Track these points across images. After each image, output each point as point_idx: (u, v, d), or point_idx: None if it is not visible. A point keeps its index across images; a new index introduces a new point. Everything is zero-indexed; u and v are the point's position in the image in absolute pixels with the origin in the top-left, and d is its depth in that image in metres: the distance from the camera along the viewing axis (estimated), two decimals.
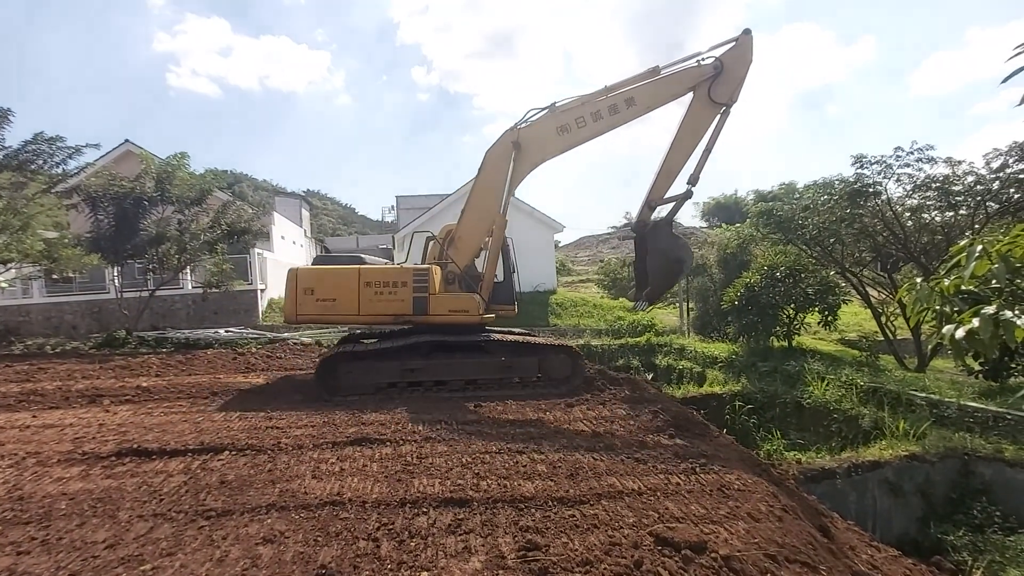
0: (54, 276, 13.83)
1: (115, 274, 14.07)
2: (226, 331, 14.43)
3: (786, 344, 12.16)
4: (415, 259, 8.65)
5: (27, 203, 11.69)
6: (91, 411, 6.43)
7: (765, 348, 11.81)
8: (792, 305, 11.68)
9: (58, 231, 12.80)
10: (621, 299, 19.87)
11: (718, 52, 6.76)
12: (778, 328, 12.00)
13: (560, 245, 38.94)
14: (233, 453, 4.77)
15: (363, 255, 8.44)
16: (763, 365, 10.58)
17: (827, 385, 9.31)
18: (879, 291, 14.48)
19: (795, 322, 12.15)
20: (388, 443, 5.05)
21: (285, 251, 23.85)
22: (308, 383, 7.97)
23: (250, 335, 14.01)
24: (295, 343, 12.78)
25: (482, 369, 7.38)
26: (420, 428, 5.50)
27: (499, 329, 8.13)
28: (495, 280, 7.82)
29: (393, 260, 25.75)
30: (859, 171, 12.33)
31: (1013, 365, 8.34)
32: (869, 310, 14.12)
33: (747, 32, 6.72)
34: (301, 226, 30.67)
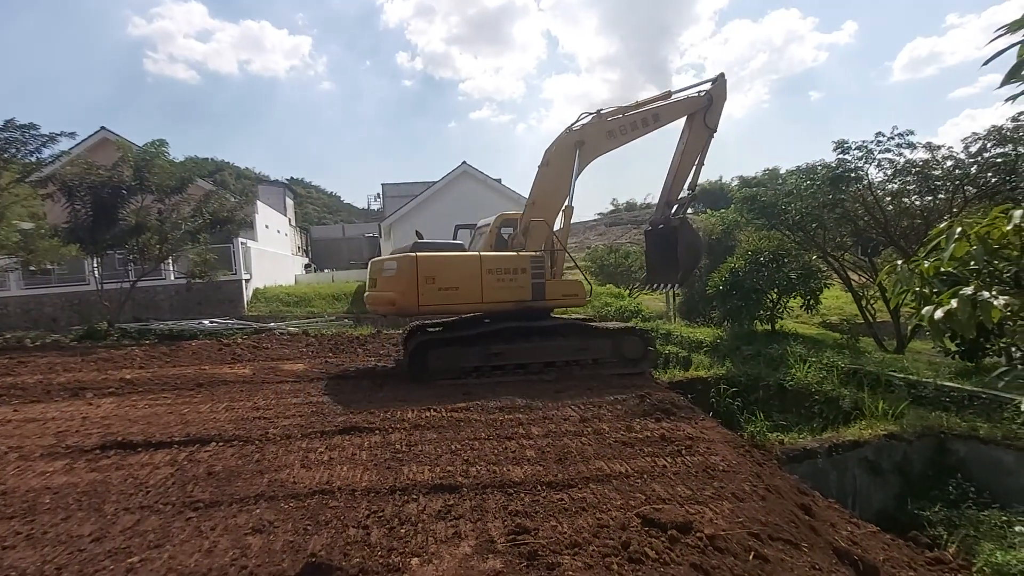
0: (31, 268, 13.48)
1: (95, 265, 13.79)
2: (211, 322, 14.26)
3: (769, 328, 12.35)
4: (476, 248, 8.65)
5: (0, 193, 11.34)
6: (74, 404, 6.33)
7: (749, 332, 11.99)
8: (775, 289, 11.85)
9: (34, 222, 12.44)
10: (608, 285, 19.97)
11: (705, 87, 8.53)
12: (762, 312, 12.19)
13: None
14: (220, 444, 4.73)
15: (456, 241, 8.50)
16: (747, 349, 10.74)
17: (809, 368, 9.49)
18: (860, 275, 14.74)
19: (778, 306, 12.33)
20: (377, 431, 5.06)
21: (270, 240, 23.53)
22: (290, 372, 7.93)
23: (235, 326, 13.86)
24: (282, 333, 12.68)
25: (560, 352, 7.68)
26: (409, 416, 5.51)
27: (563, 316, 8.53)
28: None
29: (380, 250, 25.53)
30: (841, 156, 12.47)
31: (988, 346, 8.55)
32: (850, 294, 14.38)
33: (722, 75, 8.56)
34: (286, 215, 30.24)
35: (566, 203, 8.01)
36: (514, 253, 7.82)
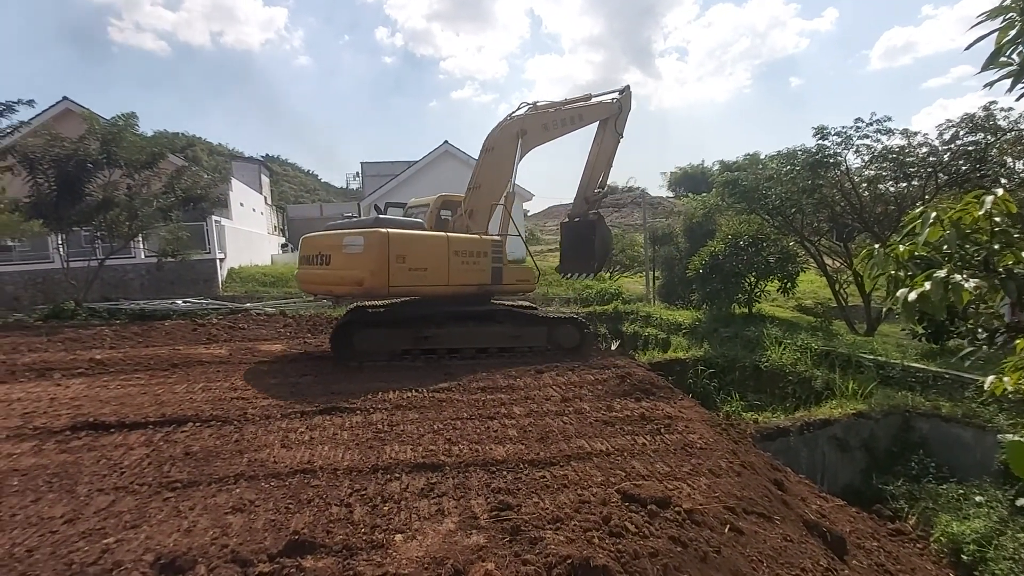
0: None
1: (59, 242, 13.25)
2: (184, 302, 13.90)
3: (747, 311, 12.60)
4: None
5: None
6: (41, 385, 6.12)
7: (727, 315, 12.21)
8: (754, 273, 12.05)
9: None
10: None
11: (615, 95, 9.10)
12: (740, 295, 12.40)
13: (529, 214, 38.76)
14: (197, 424, 4.65)
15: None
16: (725, 331, 10.95)
17: (783, 349, 9.73)
18: (834, 260, 15.09)
19: (756, 290, 12.57)
20: (358, 412, 5.03)
21: (245, 219, 22.93)
22: (272, 353, 7.82)
23: (210, 306, 13.55)
24: (258, 313, 12.45)
25: (494, 338, 7.54)
26: (391, 396, 5.49)
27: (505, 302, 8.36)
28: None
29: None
30: (820, 142, 12.64)
31: (953, 328, 8.88)
32: (824, 278, 14.72)
33: (628, 87, 9.27)
34: (261, 193, 29.45)
35: (509, 188, 8.15)
36: (477, 236, 7.76)
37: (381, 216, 7.31)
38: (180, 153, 16.24)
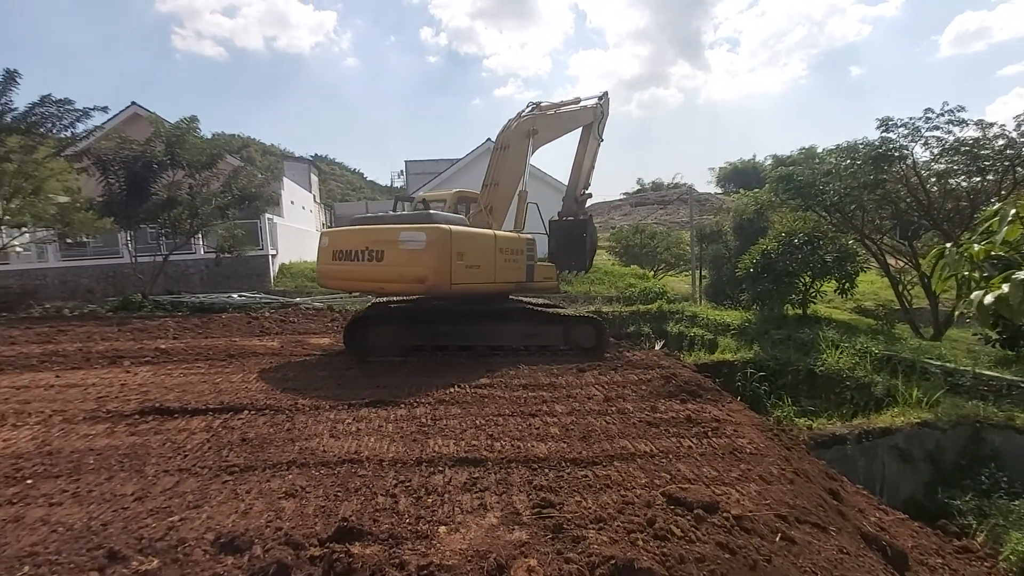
0: (68, 240, 13.97)
1: (128, 239, 14.18)
2: (239, 295, 14.60)
3: (800, 312, 12.06)
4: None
5: (37, 167, 11.68)
6: (112, 371, 6.57)
7: (779, 316, 11.73)
8: (809, 272, 11.52)
9: (69, 195, 12.82)
10: (633, 266, 19.74)
11: (593, 101, 9.31)
12: (793, 296, 11.88)
13: None
14: (252, 412, 4.86)
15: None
16: (776, 333, 10.52)
17: (841, 353, 9.26)
18: (898, 259, 14.23)
19: (811, 290, 12.00)
20: (402, 405, 5.13)
21: (295, 216, 23.85)
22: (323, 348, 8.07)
23: (263, 299, 14.17)
24: (307, 308, 12.91)
25: (508, 336, 7.46)
26: (434, 391, 5.58)
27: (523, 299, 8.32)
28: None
29: None
30: (884, 135, 11.92)
31: None
32: (887, 278, 13.90)
33: (607, 92, 9.52)
34: (310, 191, 30.54)
35: (522, 185, 8.32)
36: (516, 235, 7.80)
37: (431, 212, 7.14)
38: (236, 154, 17.02)
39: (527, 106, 8.77)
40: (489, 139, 22.51)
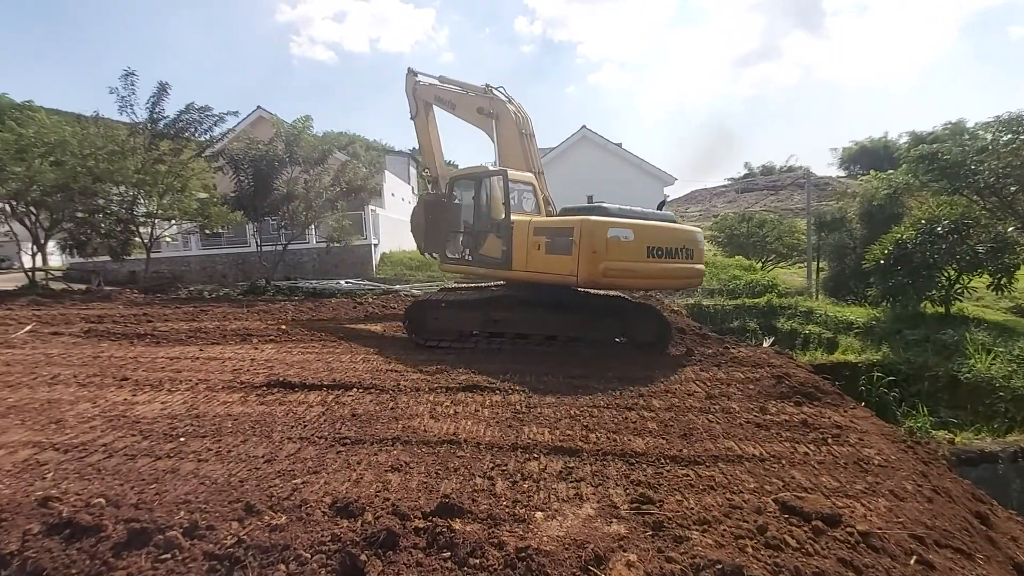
0: (207, 231, 15.91)
1: (255, 230, 15.83)
2: (346, 282, 15.75)
3: (942, 310, 10.54)
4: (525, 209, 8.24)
5: (183, 167, 13.41)
6: (243, 348, 7.39)
7: (915, 314, 10.34)
8: (954, 265, 10.01)
9: (208, 192, 14.57)
10: (737, 257, 18.48)
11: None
12: (933, 292, 10.39)
13: (670, 199, 36.88)
14: (360, 391, 5.22)
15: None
16: (911, 333, 9.31)
17: (993, 358, 7.98)
18: None
19: (956, 285, 10.43)
20: (498, 391, 5.22)
21: (395, 208, 25.19)
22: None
23: (367, 286, 15.17)
24: (406, 295, 13.61)
25: (563, 326, 7.20)
26: (528, 379, 5.62)
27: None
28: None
29: None
30: None
31: None
32: None
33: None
34: (409, 183, 32.05)
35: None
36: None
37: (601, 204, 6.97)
38: (344, 150, 18.33)
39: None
40: (584, 126, 22.12)
